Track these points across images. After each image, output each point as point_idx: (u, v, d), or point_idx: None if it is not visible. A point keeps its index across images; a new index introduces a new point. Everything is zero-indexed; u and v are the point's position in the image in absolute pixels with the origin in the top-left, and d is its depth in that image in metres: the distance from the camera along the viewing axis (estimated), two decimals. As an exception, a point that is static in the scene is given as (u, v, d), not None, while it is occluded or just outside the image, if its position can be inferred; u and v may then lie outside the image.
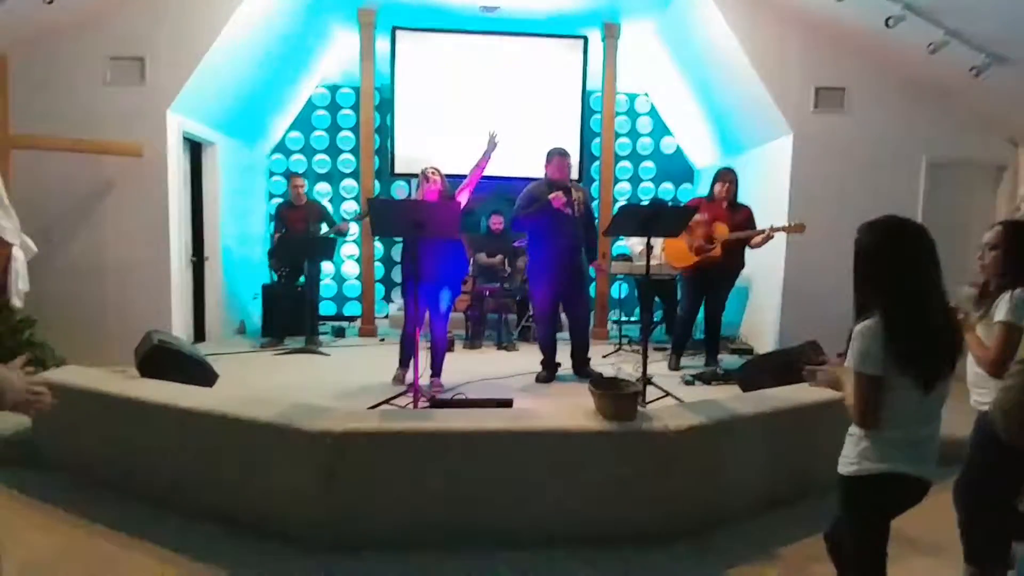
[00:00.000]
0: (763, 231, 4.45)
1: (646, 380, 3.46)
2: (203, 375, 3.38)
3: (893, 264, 1.62)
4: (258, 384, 4.12)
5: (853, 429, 1.68)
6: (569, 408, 2.73)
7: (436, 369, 4.00)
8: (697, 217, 4.38)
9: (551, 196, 4.08)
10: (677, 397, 3.51)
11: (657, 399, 3.51)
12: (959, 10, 4.31)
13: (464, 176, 4.02)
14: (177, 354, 3.28)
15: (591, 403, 2.68)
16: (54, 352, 4.00)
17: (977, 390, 2.08)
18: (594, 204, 7.07)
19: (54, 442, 3.09)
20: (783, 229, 4.40)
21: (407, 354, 3.94)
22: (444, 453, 2.43)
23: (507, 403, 2.74)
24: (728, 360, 5.21)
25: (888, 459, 1.61)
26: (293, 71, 6.32)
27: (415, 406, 3.15)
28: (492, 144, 3.95)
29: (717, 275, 4.71)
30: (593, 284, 6.33)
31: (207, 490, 2.67)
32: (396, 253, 7.24)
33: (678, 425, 2.53)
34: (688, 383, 4.29)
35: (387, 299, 7.31)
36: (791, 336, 5.17)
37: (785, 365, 3.66)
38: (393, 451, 2.43)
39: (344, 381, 4.29)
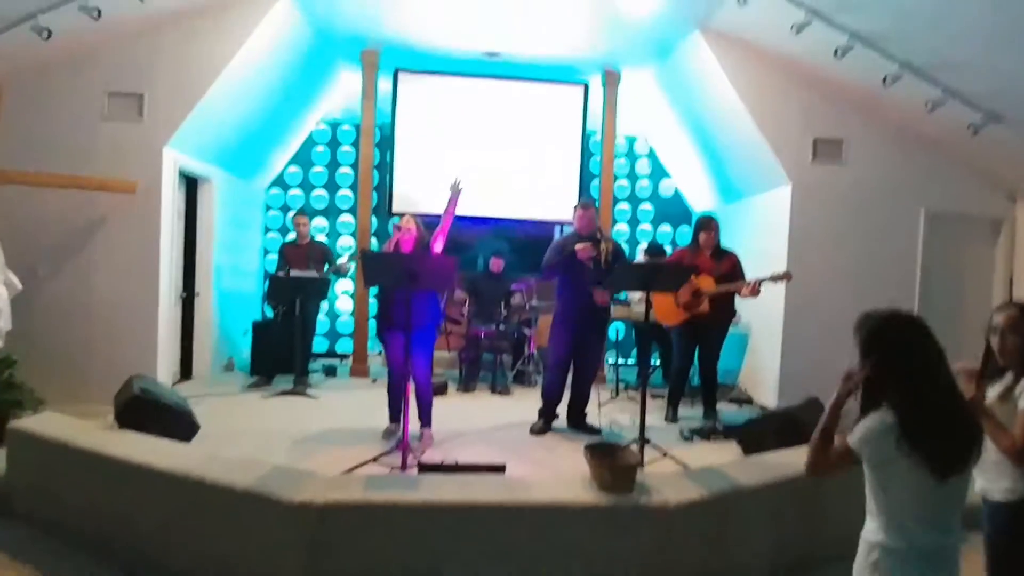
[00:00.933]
0: (749, 283, 4.34)
1: (643, 440, 3.34)
2: (183, 427, 3.25)
3: (917, 360, 1.55)
4: (241, 433, 3.97)
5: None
6: (564, 477, 2.61)
7: (425, 419, 3.88)
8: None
9: (577, 247, 4.03)
10: (676, 459, 3.39)
11: (655, 460, 3.38)
12: (956, 69, 4.36)
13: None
14: (157, 404, 3.16)
15: (587, 467, 2.57)
16: (33, 394, 3.85)
17: (998, 478, 1.94)
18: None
19: (26, 492, 2.95)
20: (770, 279, 4.30)
21: (397, 408, 3.83)
22: (432, 527, 2.30)
23: (500, 468, 2.62)
24: (727, 411, 5.10)
25: None
26: (295, 107, 6.33)
27: (403, 466, 3.02)
28: (456, 191, 3.94)
29: (708, 326, 4.62)
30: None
31: (180, 554, 2.52)
32: (391, 290, 7.16)
33: (679, 500, 2.41)
34: (686, 439, 4.17)
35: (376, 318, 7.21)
36: (791, 386, 5.10)
37: (788, 425, 3.57)
38: (378, 524, 2.29)
39: (331, 430, 4.15)
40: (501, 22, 5.18)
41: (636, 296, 5.92)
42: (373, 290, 6.76)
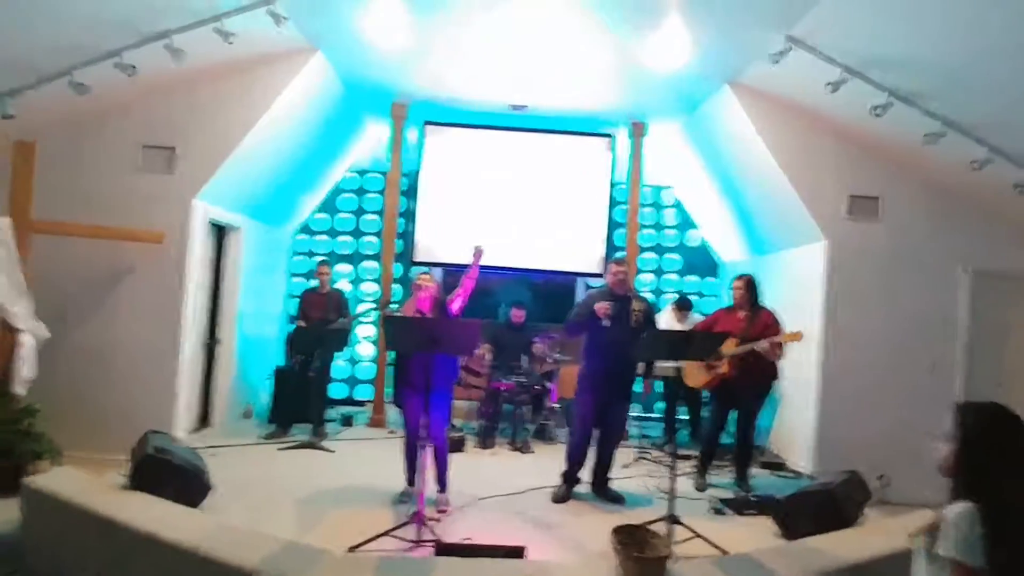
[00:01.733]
0: (764, 344, 4.15)
1: (673, 518, 3.14)
2: (196, 487, 3.17)
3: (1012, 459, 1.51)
4: (254, 491, 3.87)
5: None
6: (588, 562, 2.44)
7: (442, 483, 3.74)
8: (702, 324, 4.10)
9: (596, 306, 3.94)
10: (708, 540, 3.17)
11: (686, 540, 3.17)
12: (1000, 128, 4.22)
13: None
14: (170, 465, 3.09)
15: (611, 547, 2.40)
16: (51, 444, 3.82)
17: None
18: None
19: (39, 549, 2.88)
20: (781, 339, 4.15)
21: (413, 471, 3.70)
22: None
23: (518, 552, 2.46)
24: (758, 476, 4.84)
25: None
26: (324, 158, 6.43)
27: (418, 541, 2.88)
28: (478, 254, 3.93)
29: (744, 389, 4.38)
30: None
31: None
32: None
33: (713, 598, 2.22)
34: (718, 512, 3.94)
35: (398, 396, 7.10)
36: (828, 451, 4.85)
37: (828, 504, 3.35)
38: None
39: (346, 489, 4.04)
40: (527, 76, 5.22)
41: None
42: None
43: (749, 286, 4.48)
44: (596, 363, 4.07)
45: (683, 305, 6.11)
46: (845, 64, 4.11)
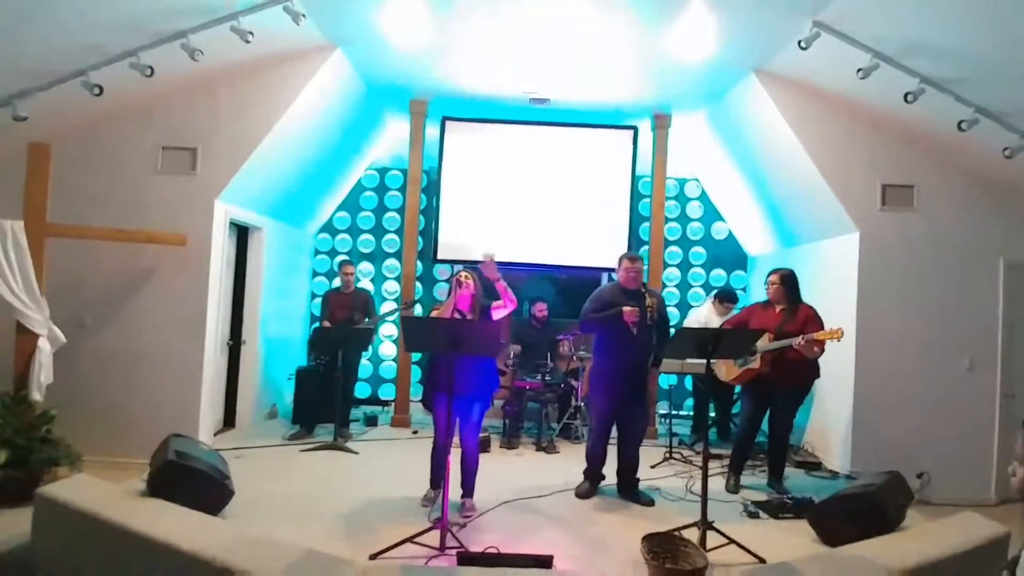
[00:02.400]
0: (799, 341, 3.98)
1: (706, 524, 3.02)
2: (217, 494, 3.15)
3: None
4: (276, 496, 3.84)
5: None
6: (618, 571, 2.33)
7: (468, 489, 3.67)
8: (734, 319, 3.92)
9: (625, 310, 3.83)
10: (743, 546, 3.04)
11: (720, 546, 3.05)
12: (1034, 114, 3.99)
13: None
14: (190, 471, 3.06)
15: (641, 559, 2.29)
16: (70, 450, 3.82)
17: None
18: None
19: (51, 561, 2.85)
20: (821, 336, 3.95)
21: (438, 475, 3.63)
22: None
23: (546, 562, 2.37)
24: (794, 477, 4.68)
25: None
26: (344, 156, 6.40)
27: (441, 548, 2.81)
28: (489, 265, 3.65)
29: (781, 386, 4.21)
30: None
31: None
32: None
33: (752, 612, 2.10)
34: (752, 515, 3.79)
35: (422, 381, 7.06)
36: (865, 449, 4.68)
37: (869, 508, 3.19)
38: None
39: (369, 491, 4.00)
40: (548, 69, 5.10)
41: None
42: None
43: (784, 280, 4.32)
44: (612, 360, 3.98)
45: (725, 298, 5.89)
46: (876, 50, 3.92)
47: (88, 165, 4.57)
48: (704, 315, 5.89)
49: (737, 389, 5.43)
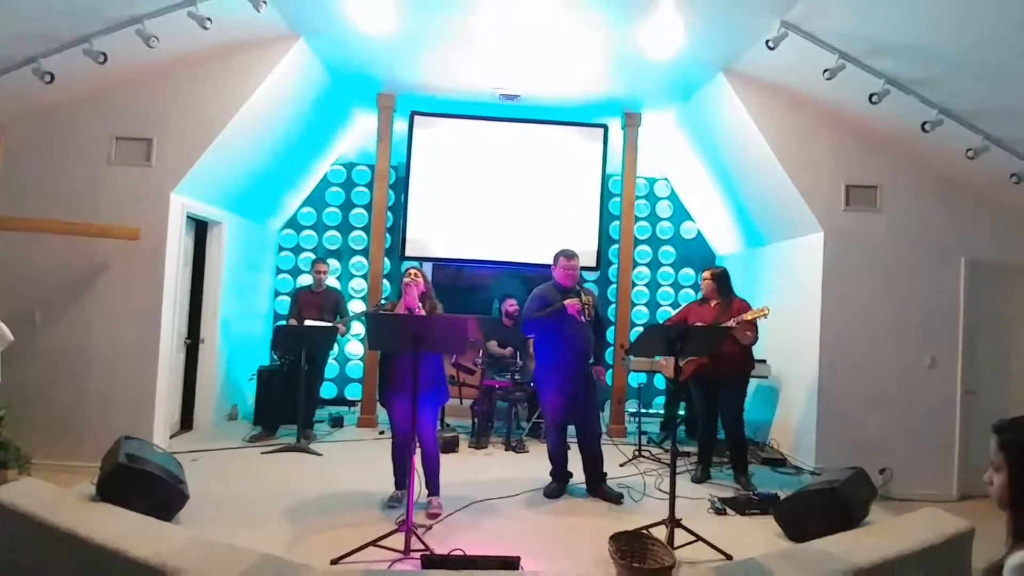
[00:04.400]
0: (730, 323, 4.18)
1: (674, 522, 3.01)
2: (171, 498, 3.01)
3: None
4: (234, 498, 3.70)
5: None
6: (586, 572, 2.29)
7: (432, 487, 3.59)
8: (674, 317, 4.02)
9: (567, 302, 3.92)
10: (711, 543, 3.04)
11: (687, 543, 3.04)
12: (997, 116, 4.11)
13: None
14: (143, 474, 2.91)
15: (610, 559, 2.26)
16: (18, 452, 3.64)
17: None
18: (611, 289, 6.82)
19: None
20: (748, 316, 4.19)
21: (403, 474, 3.55)
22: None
23: (513, 563, 2.31)
24: (759, 472, 4.74)
25: None
26: (309, 150, 6.24)
27: (406, 551, 2.73)
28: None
29: (720, 379, 4.39)
30: (609, 374, 5.95)
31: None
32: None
33: (720, 610, 2.08)
34: (719, 511, 3.81)
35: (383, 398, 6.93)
36: (829, 446, 4.76)
37: (834, 504, 3.23)
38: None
39: (332, 493, 3.88)
40: (518, 65, 5.05)
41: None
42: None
43: (716, 277, 4.55)
44: (559, 355, 4.00)
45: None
46: (842, 50, 3.99)
47: (38, 155, 4.35)
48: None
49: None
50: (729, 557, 2.99)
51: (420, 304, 3.53)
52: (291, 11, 4.20)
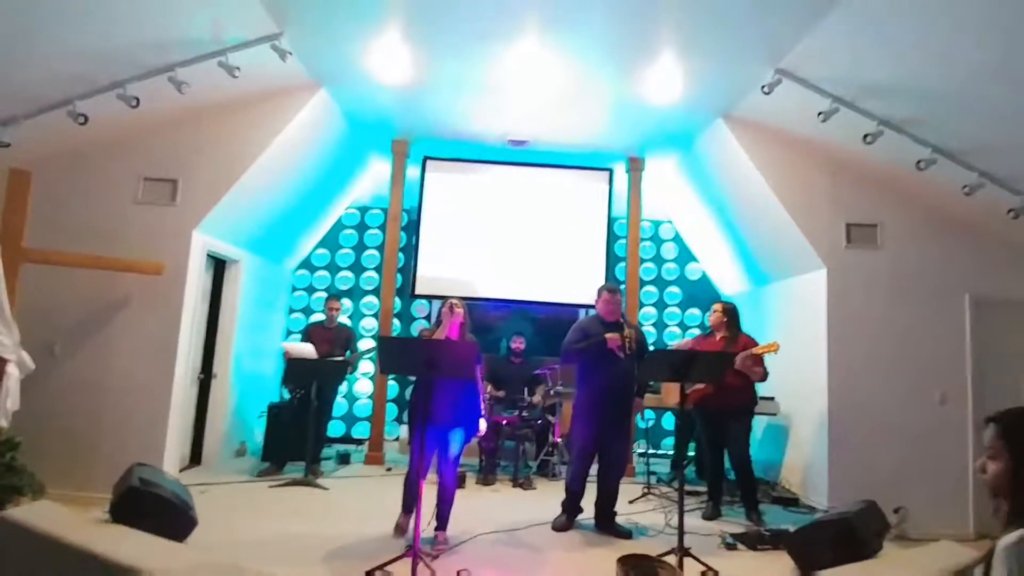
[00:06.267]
0: (740, 356, 4.26)
1: (683, 551, 2.99)
2: (180, 522, 3.03)
3: None
4: (243, 529, 3.71)
5: None
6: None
7: (442, 521, 3.57)
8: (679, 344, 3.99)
9: (608, 336, 3.91)
10: (720, 574, 3.00)
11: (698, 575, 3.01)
12: (990, 152, 4.25)
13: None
14: (154, 497, 2.95)
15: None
16: (33, 478, 3.67)
17: None
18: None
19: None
20: (758, 350, 4.29)
21: (411, 500, 3.55)
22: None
23: (520, 583, 2.31)
24: (771, 511, 4.66)
25: None
26: (325, 194, 6.48)
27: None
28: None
29: (724, 415, 4.41)
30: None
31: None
32: (411, 373, 6.98)
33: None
34: (730, 546, 3.75)
35: (399, 420, 6.94)
36: (841, 485, 4.68)
37: (845, 534, 3.19)
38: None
39: (339, 526, 3.87)
40: (526, 113, 5.30)
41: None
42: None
43: (727, 311, 4.63)
44: (594, 392, 3.99)
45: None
46: (835, 94, 4.18)
47: (68, 193, 4.57)
48: None
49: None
50: (739, 588, 2.94)
51: (460, 336, 3.57)
52: (314, 62, 4.48)
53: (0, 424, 3.66)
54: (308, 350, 5.28)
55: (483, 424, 3.68)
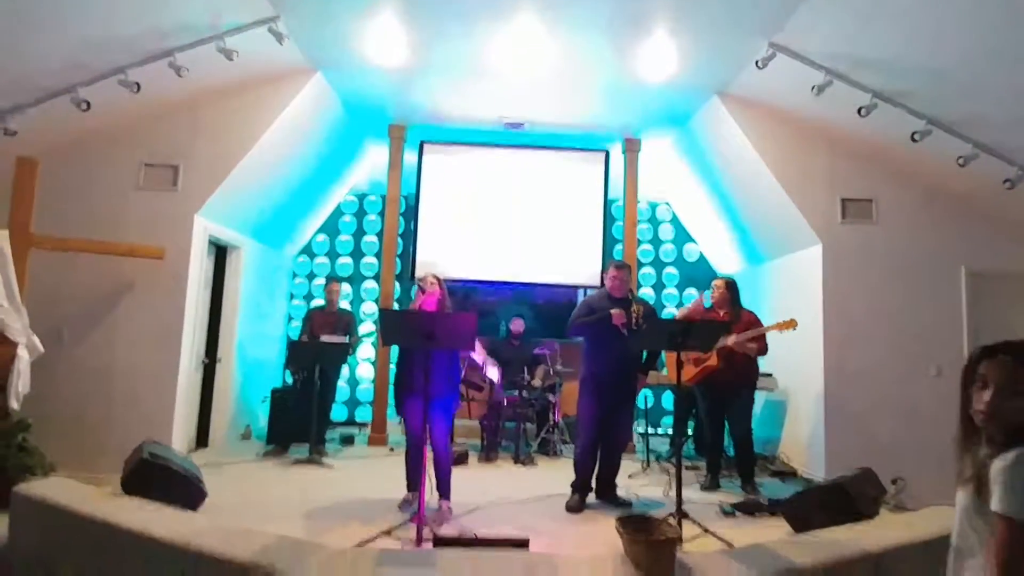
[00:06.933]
0: (759, 331, 4.36)
1: (681, 514, 3.06)
2: (190, 493, 3.11)
3: None
4: (251, 501, 3.80)
5: None
6: (594, 553, 2.36)
7: (443, 490, 3.65)
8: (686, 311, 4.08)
9: (613, 312, 3.93)
10: (718, 536, 3.08)
11: (695, 537, 3.08)
12: (984, 123, 4.28)
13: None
14: (164, 470, 3.03)
15: (619, 543, 2.32)
16: (44, 459, 3.76)
17: None
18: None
19: (28, 561, 2.78)
20: (774, 327, 4.32)
21: (415, 477, 3.63)
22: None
23: (523, 543, 2.38)
24: (769, 484, 4.74)
25: None
26: (324, 179, 6.52)
27: (418, 540, 2.80)
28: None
29: (727, 390, 4.48)
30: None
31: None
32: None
33: (724, 581, 2.14)
34: (728, 514, 3.83)
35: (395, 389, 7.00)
36: (838, 458, 4.74)
37: (839, 498, 3.26)
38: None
39: (345, 500, 3.95)
40: (522, 95, 5.32)
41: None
42: (395, 356, 6.70)
43: (729, 287, 4.64)
44: (599, 366, 4.03)
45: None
46: (829, 67, 4.21)
47: (73, 180, 4.62)
48: None
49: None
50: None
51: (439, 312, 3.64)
52: (310, 46, 4.51)
53: (12, 406, 3.73)
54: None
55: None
